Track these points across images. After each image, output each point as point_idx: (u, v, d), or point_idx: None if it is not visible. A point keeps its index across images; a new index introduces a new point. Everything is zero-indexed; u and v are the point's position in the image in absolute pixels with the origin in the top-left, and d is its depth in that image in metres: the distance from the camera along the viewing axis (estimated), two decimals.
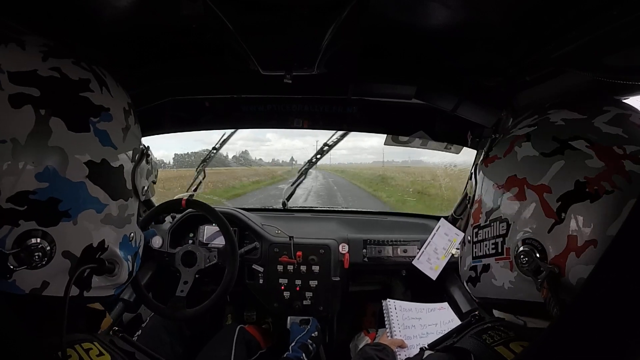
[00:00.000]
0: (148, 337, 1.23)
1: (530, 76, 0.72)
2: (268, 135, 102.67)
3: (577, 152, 0.46)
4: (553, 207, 0.46)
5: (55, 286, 0.45)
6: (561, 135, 0.48)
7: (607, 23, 0.50)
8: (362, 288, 1.64)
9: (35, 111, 0.41)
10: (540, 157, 0.48)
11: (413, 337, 1.18)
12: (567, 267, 0.44)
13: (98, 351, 0.46)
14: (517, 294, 0.50)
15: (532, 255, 0.47)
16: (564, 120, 0.50)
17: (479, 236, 0.56)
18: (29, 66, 0.43)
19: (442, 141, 1.16)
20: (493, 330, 0.51)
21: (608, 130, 0.46)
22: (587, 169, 0.44)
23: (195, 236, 1.50)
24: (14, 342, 0.38)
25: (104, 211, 0.48)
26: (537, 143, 0.50)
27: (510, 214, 0.50)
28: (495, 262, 0.53)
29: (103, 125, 0.47)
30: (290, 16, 0.59)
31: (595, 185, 0.43)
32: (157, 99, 0.96)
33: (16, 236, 0.41)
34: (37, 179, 0.41)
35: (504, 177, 0.52)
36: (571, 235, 0.44)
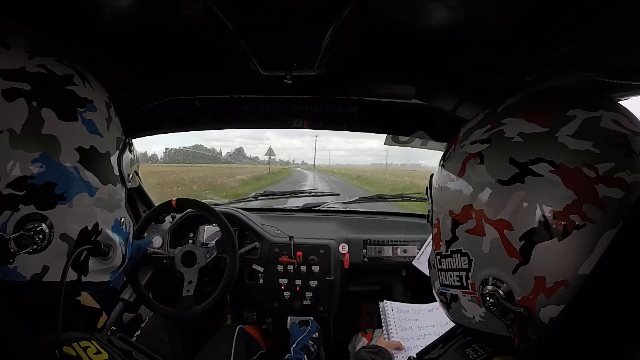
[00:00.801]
0: (148, 337, 1.23)
1: (530, 76, 0.72)
2: (267, 133, 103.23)
3: (540, 180, 0.40)
4: (516, 247, 0.40)
5: (54, 270, 0.46)
6: (519, 156, 0.41)
7: (607, 23, 0.49)
8: (362, 288, 1.64)
9: (28, 103, 0.45)
10: (497, 186, 0.42)
11: (410, 338, 1.17)
12: (537, 307, 0.40)
13: (96, 349, 0.47)
14: (489, 328, 0.46)
15: (497, 297, 0.42)
16: (522, 136, 0.43)
17: (443, 265, 0.52)
18: (17, 64, 0.46)
19: (442, 141, 1.16)
20: (477, 344, 0.50)
21: (575, 147, 0.39)
22: (553, 200, 0.38)
23: (195, 236, 1.50)
24: (12, 340, 0.38)
25: (96, 195, 0.51)
26: (492, 166, 0.43)
27: (470, 248, 0.46)
28: (463, 295, 0.48)
29: (89, 115, 0.50)
30: (290, 16, 0.59)
31: (563, 220, 0.38)
32: (157, 99, 0.97)
33: (17, 220, 0.43)
34: (34, 164, 0.44)
35: (459, 206, 0.47)
36: (539, 277, 0.39)
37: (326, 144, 77.22)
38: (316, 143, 51.53)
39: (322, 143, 76.25)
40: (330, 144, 79.26)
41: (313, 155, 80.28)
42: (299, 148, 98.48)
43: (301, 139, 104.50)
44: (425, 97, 0.90)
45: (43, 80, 0.47)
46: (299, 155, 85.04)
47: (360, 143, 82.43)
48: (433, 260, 0.56)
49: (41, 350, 0.41)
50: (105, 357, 0.47)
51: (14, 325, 0.39)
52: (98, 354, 0.47)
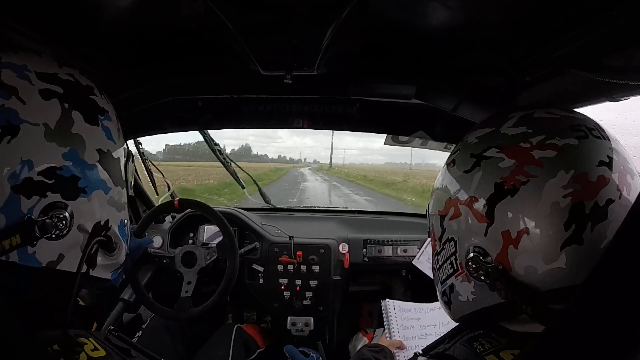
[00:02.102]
0: (149, 338, 1.23)
1: (530, 76, 0.72)
2: (279, 132, 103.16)
3: (491, 159, 0.51)
4: (482, 213, 0.50)
5: (69, 260, 0.49)
6: (476, 150, 0.54)
7: (607, 23, 0.50)
8: (362, 288, 1.64)
9: (61, 104, 0.49)
10: (464, 175, 0.54)
11: (412, 337, 1.17)
12: (511, 261, 0.48)
13: (93, 346, 0.48)
14: (482, 302, 0.53)
15: (477, 260, 0.50)
16: (478, 138, 0.55)
17: (439, 261, 0.60)
18: (51, 69, 0.51)
19: (442, 141, 1.16)
20: (484, 338, 0.52)
21: (514, 132, 0.51)
22: (502, 170, 0.49)
23: (195, 236, 1.50)
24: (11, 338, 0.38)
25: (109, 193, 0.55)
26: (460, 164, 0.56)
27: (454, 231, 0.55)
28: (455, 279, 0.56)
29: (107, 123, 0.55)
30: (290, 16, 0.59)
31: (511, 182, 0.48)
32: (157, 99, 0.97)
33: (43, 206, 0.46)
34: (64, 157, 0.48)
35: (443, 203, 0.58)
36: (504, 232, 0.48)
37: (339, 143, 76.94)
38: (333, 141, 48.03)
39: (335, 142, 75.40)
40: (343, 143, 78.81)
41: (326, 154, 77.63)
42: (311, 147, 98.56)
43: (313, 138, 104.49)
44: (425, 97, 0.90)
45: (72, 87, 0.52)
46: (311, 153, 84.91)
47: (372, 142, 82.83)
48: (434, 264, 0.63)
49: (39, 347, 0.42)
50: (103, 354, 0.47)
51: (13, 323, 0.39)
52: (95, 351, 0.47)
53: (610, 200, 0.44)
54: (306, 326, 1.39)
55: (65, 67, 0.53)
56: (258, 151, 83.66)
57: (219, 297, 1.15)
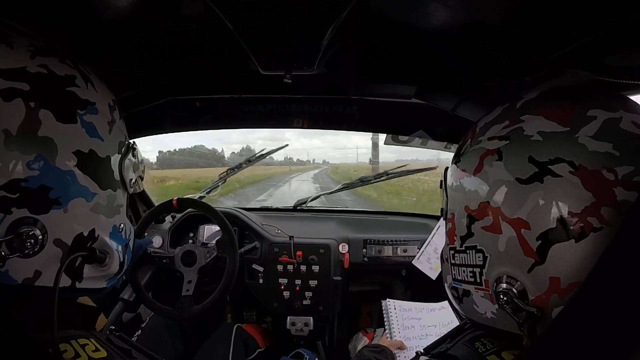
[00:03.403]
0: (148, 337, 1.23)
1: (530, 76, 0.72)
2: (287, 134, 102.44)
3: (560, 180, 0.39)
4: (532, 246, 0.40)
5: (47, 276, 0.45)
6: (539, 155, 0.41)
7: (607, 23, 0.49)
8: (362, 288, 1.64)
9: (25, 104, 0.44)
10: (516, 184, 0.42)
11: (412, 338, 1.17)
12: (550, 307, 0.40)
13: (94, 347, 0.47)
14: (500, 324, 0.47)
15: (511, 295, 0.42)
16: (542, 134, 0.42)
17: (456, 260, 0.52)
18: (18, 63, 0.45)
19: (442, 141, 1.16)
20: (486, 338, 0.51)
21: (595, 148, 0.39)
22: (572, 201, 0.38)
23: (195, 236, 1.50)
24: (11, 338, 0.38)
25: (94, 200, 0.49)
26: (511, 164, 0.43)
27: (485, 245, 0.45)
28: (475, 290, 0.49)
29: (89, 117, 0.49)
30: (290, 16, 0.59)
31: (581, 222, 0.38)
32: (157, 99, 0.96)
33: (9, 223, 0.43)
34: (28, 167, 0.43)
35: (476, 202, 0.46)
36: (553, 278, 0.39)
37: (347, 142, 76.03)
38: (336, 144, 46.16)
39: (342, 141, 73.82)
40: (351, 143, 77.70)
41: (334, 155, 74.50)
42: (320, 147, 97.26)
43: (321, 139, 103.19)
44: (425, 97, 0.90)
45: (43, 81, 0.46)
46: (320, 154, 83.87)
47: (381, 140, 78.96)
48: (446, 255, 0.56)
49: (39, 348, 0.41)
50: (104, 354, 0.47)
51: (13, 323, 0.39)
52: (96, 352, 0.46)
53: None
54: (306, 326, 1.39)
55: (39, 56, 0.47)
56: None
57: (219, 294, 1.15)
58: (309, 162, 48.27)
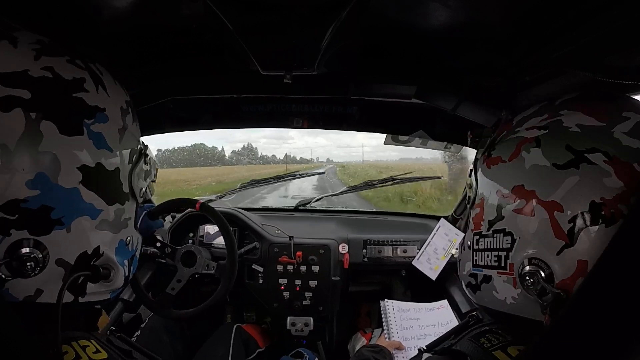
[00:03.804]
0: (147, 337, 1.23)
1: (530, 76, 0.72)
2: (291, 133, 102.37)
3: (594, 168, 0.41)
4: (564, 229, 0.42)
5: (48, 293, 0.44)
6: (576, 144, 0.43)
7: (607, 23, 0.49)
8: (362, 288, 1.64)
9: (25, 115, 0.40)
10: (552, 169, 0.44)
11: (411, 338, 1.17)
12: (575, 291, 0.41)
13: (95, 348, 0.47)
14: (519, 310, 0.47)
15: (538, 276, 0.43)
16: (580, 127, 0.45)
17: (480, 245, 0.52)
18: (20, 66, 0.42)
19: (442, 141, 1.16)
20: (491, 334, 0.51)
21: (628, 143, 0.42)
22: (605, 188, 0.40)
23: (195, 236, 1.50)
24: (12, 339, 0.38)
25: (99, 217, 0.46)
26: (549, 151, 0.45)
27: (516, 228, 0.46)
28: (498, 275, 0.49)
29: (98, 127, 0.45)
30: (290, 16, 0.59)
31: (612, 208, 0.39)
32: (157, 99, 0.96)
33: (7, 246, 0.40)
34: (28, 186, 0.40)
35: (509, 185, 0.48)
36: (582, 261, 0.41)
37: (351, 140, 75.59)
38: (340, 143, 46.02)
39: (346, 140, 73.45)
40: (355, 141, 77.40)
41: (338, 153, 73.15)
42: (324, 146, 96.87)
43: (325, 137, 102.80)
44: (425, 97, 0.90)
45: (46, 87, 0.42)
46: (324, 152, 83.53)
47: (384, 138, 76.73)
48: (469, 241, 0.56)
49: (40, 349, 0.41)
50: (105, 356, 0.47)
51: (14, 324, 0.39)
52: (97, 353, 0.46)
53: None
54: (306, 326, 1.39)
55: (45, 56, 0.43)
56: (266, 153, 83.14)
57: (199, 311, 1.10)
58: (313, 160, 47.87)
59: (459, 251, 0.62)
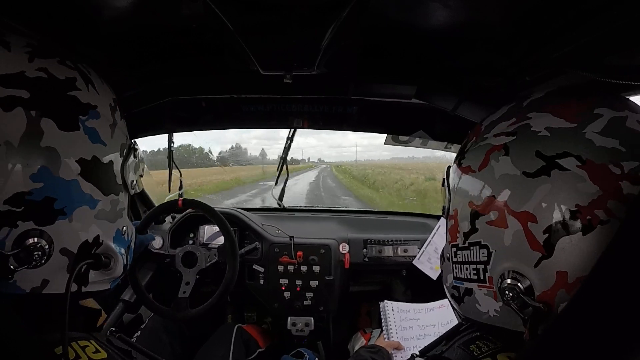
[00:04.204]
0: (147, 338, 1.23)
1: (530, 76, 0.72)
2: (282, 133, 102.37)
3: (567, 174, 0.39)
4: (539, 240, 0.40)
5: (54, 284, 0.46)
6: (547, 150, 0.41)
7: (607, 23, 0.49)
8: (362, 288, 1.64)
9: (26, 113, 0.42)
10: (523, 178, 0.42)
11: (410, 338, 1.17)
12: (556, 303, 0.40)
13: (94, 348, 0.47)
14: (502, 323, 0.46)
15: (517, 290, 0.42)
16: (549, 130, 0.42)
17: (459, 257, 0.51)
18: (16, 68, 0.44)
19: (442, 141, 1.16)
20: (481, 340, 0.51)
21: (602, 143, 0.40)
22: (579, 194, 0.38)
23: (196, 236, 1.50)
24: (13, 339, 0.38)
25: (97, 207, 0.49)
26: (518, 159, 0.43)
27: (491, 241, 0.45)
28: (478, 288, 0.48)
29: (92, 122, 0.48)
30: (290, 16, 0.59)
31: (588, 215, 0.38)
32: (157, 99, 0.96)
33: (15, 237, 0.42)
34: (32, 179, 0.42)
35: (481, 197, 0.46)
36: (561, 272, 0.39)
37: (343, 140, 75.75)
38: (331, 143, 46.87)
39: (338, 140, 74.09)
40: (347, 141, 77.57)
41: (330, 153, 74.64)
42: (315, 146, 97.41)
43: (317, 137, 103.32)
44: (425, 97, 0.90)
45: (43, 87, 0.44)
46: (315, 153, 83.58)
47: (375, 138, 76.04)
48: (447, 253, 0.55)
49: (40, 350, 0.41)
50: (104, 356, 0.47)
51: (14, 324, 0.39)
52: (97, 353, 0.47)
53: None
54: (306, 326, 1.39)
55: (38, 58, 0.45)
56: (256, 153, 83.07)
57: (216, 300, 1.15)
58: (304, 160, 47.51)
59: (440, 263, 0.60)
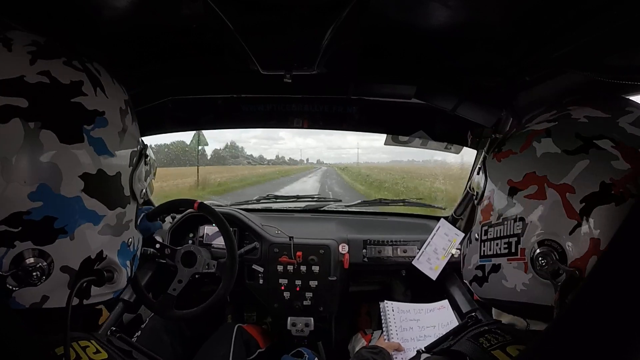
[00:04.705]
0: (147, 338, 1.23)
1: (530, 76, 0.72)
2: (281, 134, 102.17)
3: (603, 152, 0.44)
4: (576, 209, 0.44)
5: (54, 299, 0.44)
6: (585, 132, 0.46)
7: (607, 23, 0.50)
8: (362, 288, 1.64)
9: (24, 125, 0.39)
10: (563, 155, 0.46)
11: (410, 339, 1.17)
12: (588, 270, 0.42)
13: (95, 349, 0.47)
14: (530, 296, 0.48)
15: (551, 257, 0.45)
16: (587, 118, 0.48)
17: (489, 234, 0.54)
18: (16, 72, 0.40)
19: (442, 141, 1.16)
20: (490, 334, 0.51)
21: (633, 132, 0.45)
22: (613, 170, 0.43)
23: (195, 236, 1.49)
24: (13, 340, 0.38)
25: (102, 222, 0.46)
26: (559, 139, 0.48)
27: (528, 213, 0.48)
28: (508, 262, 0.50)
29: (98, 132, 0.44)
30: (290, 16, 0.59)
31: (621, 188, 0.42)
32: (157, 99, 0.97)
33: (12, 257, 0.40)
34: (30, 198, 0.40)
35: (520, 174, 0.50)
36: (594, 239, 0.42)
37: (342, 142, 75.46)
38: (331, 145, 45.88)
39: (337, 142, 73.99)
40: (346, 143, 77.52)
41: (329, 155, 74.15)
42: (314, 147, 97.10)
43: (316, 138, 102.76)
44: (425, 97, 0.90)
45: (44, 94, 0.41)
46: (314, 154, 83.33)
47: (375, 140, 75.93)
48: (476, 234, 0.58)
49: (41, 350, 0.41)
50: (105, 356, 0.47)
51: (15, 325, 0.39)
52: (97, 354, 0.46)
53: None
54: (306, 326, 1.39)
55: (41, 60, 0.42)
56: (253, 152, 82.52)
57: (201, 310, 1.10)
58: (302, 161, 46.87)
59: (463, 247, 0.63)
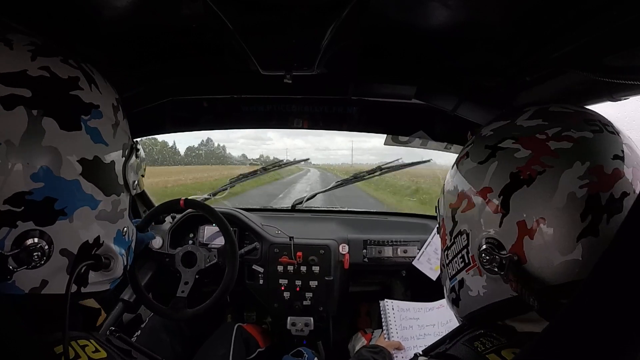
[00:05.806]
0: (147, 337, 1.23)
1: (530, 76, 0.72)
2: (269, 134, 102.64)
3: (507, 150, 0.51)
4: (497, 203, 0.50)
5: (54, 284, 0.45)
6: (491, 142, 0.54)
7: (607, 23, 0.50)
8: (362, 288, 1.64)
9: (28, 112, 0.42)
10: (479, 166, 0.54)
11: (410, 338, 1.17)
12: (526, 252, 0.47)
13: (94, 348, 0.47)
14: (493, 296, 0.52)
15: (491, 252, 0.49)
16: (492, 130, 0.56)
17: (449, 256, 0.59)
18: (18, 66, 0.43)
19: (442, 141, 1.16)
20: (485, 337, 0.52)
21: (529, 124, 0.52)
22: (517, 160, 0.49)
23: (195, 236, 1.50)
24: (12, 339, 0.38)
25: (98, 207, 0.49)
26: (474, 156, 0.56)
27: (467, 224, 0.54)
28: (466, 273, 0.55)
29: (94, 122, 0.48)
30: (290, 16, 0.59)
31: (527, 171, 0.48)
32: (157, 99, 0.96)
33: (15, 237, 0.42)
34: (33, 179, 0.42)
35: (455, 196, 0.57)
36: (520, 222, 0.47)
37: (329, 143, 75.89)
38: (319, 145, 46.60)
39: (325, 143, 74.21)
40: (334, 144, 77.95)
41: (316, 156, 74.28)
42: (302, 148, 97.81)
43: (304, 139, 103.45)
44: (425, 97, 0.90)
45: (45, 86, 0.44)
46: (301, 155, 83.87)
47: (364, 142, 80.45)
48: (442, 260, 0.63)
49: (40, 349, 0.41)
50: (104, 355, 0.47)
51: (14, 324, 0.39)
52: (96, 353, 0.47)
53: (625, 194, 0.44)
54: (306, 326, 1.39)
55: (40, 57, 0.45)
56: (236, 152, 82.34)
57: (214, 302, 1.14)
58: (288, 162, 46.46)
59: (440, 271, 0.67)
